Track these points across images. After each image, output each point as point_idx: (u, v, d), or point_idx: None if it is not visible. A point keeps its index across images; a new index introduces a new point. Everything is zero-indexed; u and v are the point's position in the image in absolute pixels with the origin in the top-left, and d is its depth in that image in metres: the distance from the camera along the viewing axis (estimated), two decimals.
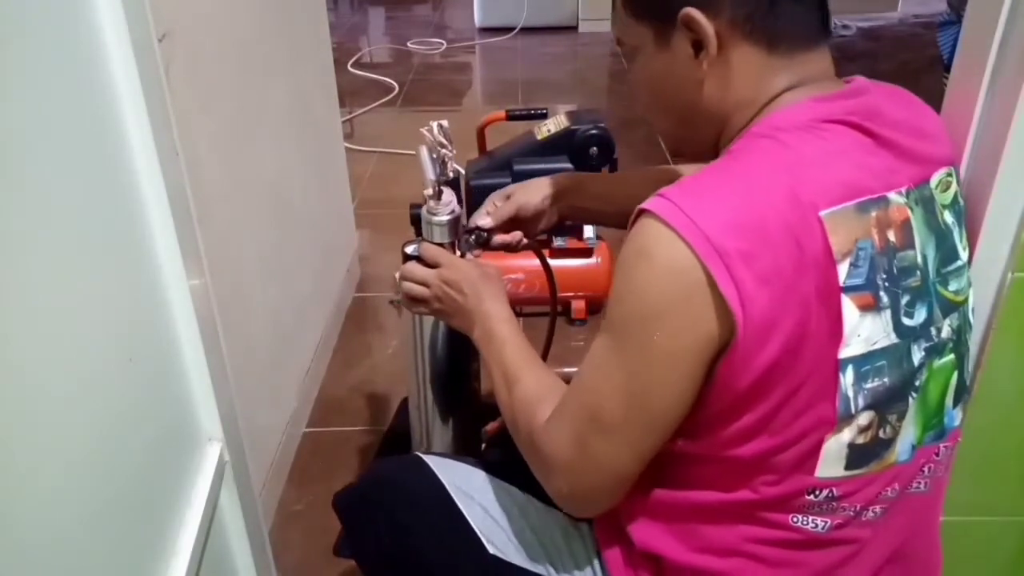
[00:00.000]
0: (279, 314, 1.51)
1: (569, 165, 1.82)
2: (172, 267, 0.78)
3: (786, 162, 0.62)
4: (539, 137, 1.86)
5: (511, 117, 1.92)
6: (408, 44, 4.32)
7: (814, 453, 0.64)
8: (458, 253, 0.96)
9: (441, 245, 0.93)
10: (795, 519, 0.68)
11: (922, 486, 0.72)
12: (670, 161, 0.97)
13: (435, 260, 0.91)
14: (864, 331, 0.62)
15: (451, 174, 0.91)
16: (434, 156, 0.91)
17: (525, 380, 0.78)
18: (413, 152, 0.93)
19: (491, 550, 0.80)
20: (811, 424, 0.63)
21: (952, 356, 0.69)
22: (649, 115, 0.77)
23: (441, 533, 0.83)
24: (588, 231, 1.87)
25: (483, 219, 0.99)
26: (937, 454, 0.72)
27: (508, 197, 1.01)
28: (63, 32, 0.62)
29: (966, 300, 0.71)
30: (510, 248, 1.02)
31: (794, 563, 0.70)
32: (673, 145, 0.80)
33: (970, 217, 0.79)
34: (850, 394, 0.63)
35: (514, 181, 1.82)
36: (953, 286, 0.69)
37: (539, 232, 1.04)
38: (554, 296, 1.13)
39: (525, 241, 1.02)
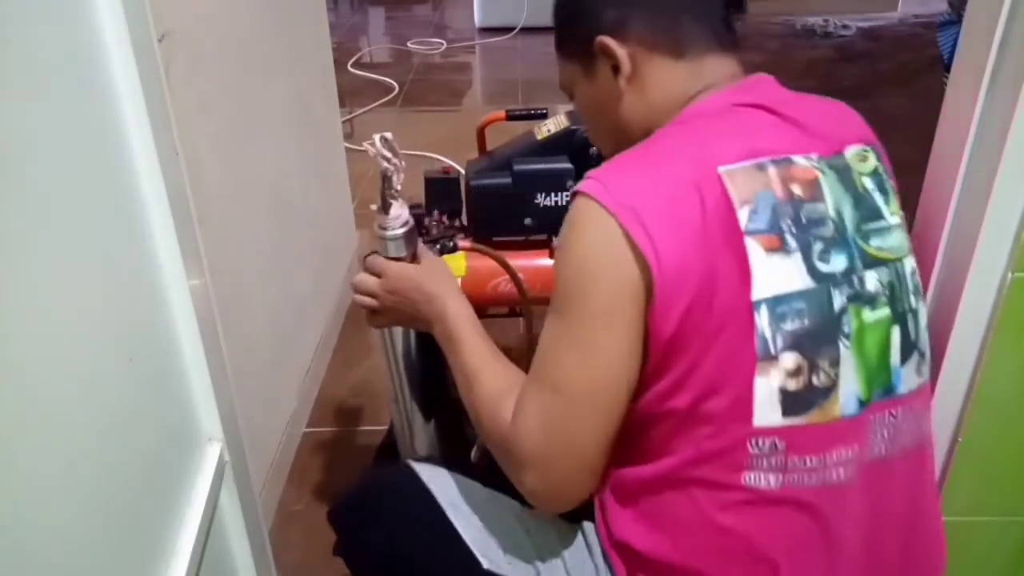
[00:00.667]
0: (279, 314, 1.51)
1: (569, 165, 1.82)
2: (172, 267, 0.78)
3: (692, 137, 0.72)
4: (539, 137, 1.85)
5: (511, 117, 1.92)
6: (408, 44, 4.32)
7: (746, 398, 0.66)
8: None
9: (400, 258, 0.90)
10: (747, 477, 0.68)
11: (883, 450, 0.71)
12: None
13: (377, 272, 0.90)
14: (773, 271, 0.66)
15: (398, 187, 0.87)
16: (382, 171, 0.86)
17: (484, 378, 0.79)
18: (414, 152, 0.92)
19: (486, 565, 0.80)
20: (735, 366, 0.66)
21: (887, 311, 0.71)
22: (597, 142, 0.89)
23: (435, 551, 0.83)
24: None
25: None
26: (894, 415, 0.72)
27: None
28: (63, 32, 0.62)
29: (899, 260, 0.73)
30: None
31: (758, 537, 0.69)
32: None
33: (969, 217, 0.79)
34: (767, 334, 0.66)
35: (514, 181, 1.83)
36: (876, 242, 0.72)
37: None
38: (522, 292, 1.15)
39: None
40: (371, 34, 4.88)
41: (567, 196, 1.91)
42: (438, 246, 0.98)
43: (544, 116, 1.90)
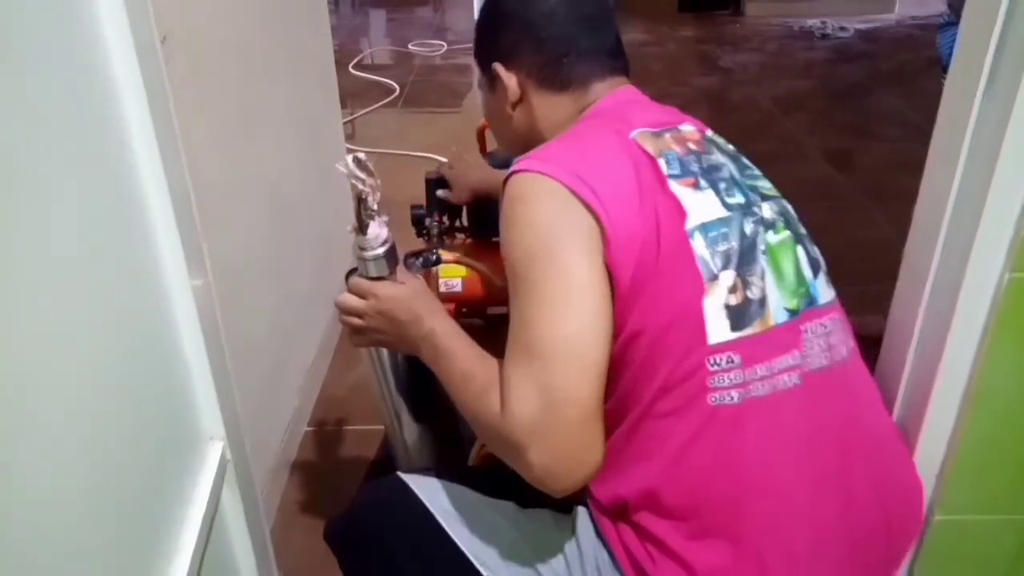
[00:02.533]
0: (280, 313, 1.51)
1: None
2: (175, 268, 0.78)
3: (603, 123, 0.83)
4: None
5: None
6: (409, 46, 4.33)
7: (698, 321, 0.72)
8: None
9: (381, 278, 0.89)
10: (712, 397, 0.72)
11: (824, 360, 0.77)
12: None
13: (364, 294, 0.89)
14: (698, 204, 0.76)
15: (375, 207, 0.85)
16: (358, 192, 0.84)
17: (474, 378, 0.78)
18: (415, 153, 0.93)
19: (485, 573, 0.81)
20: (685, 293, 0.73)
21: (788, 233, 0.80)
22: (498, 141, 1.02)
23: (434, 563, 0.83)
24: None
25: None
26: (824, 326, 0.78)
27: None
28: (65, 34, 0.62)
29: (779, 196, 0.84)
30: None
31: (730, 452, 0.72)
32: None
33: (968, 216, 0.79)
34: (707, 256, 0.74)
35: None
36: (762, 183, 0.84)
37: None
38: (490, 289, 1.18)
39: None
40: (372, 36, 4.89)
41: None
42: (421, 259, 0.97)
43: None
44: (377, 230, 0.87)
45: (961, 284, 0.81)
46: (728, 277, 0.74)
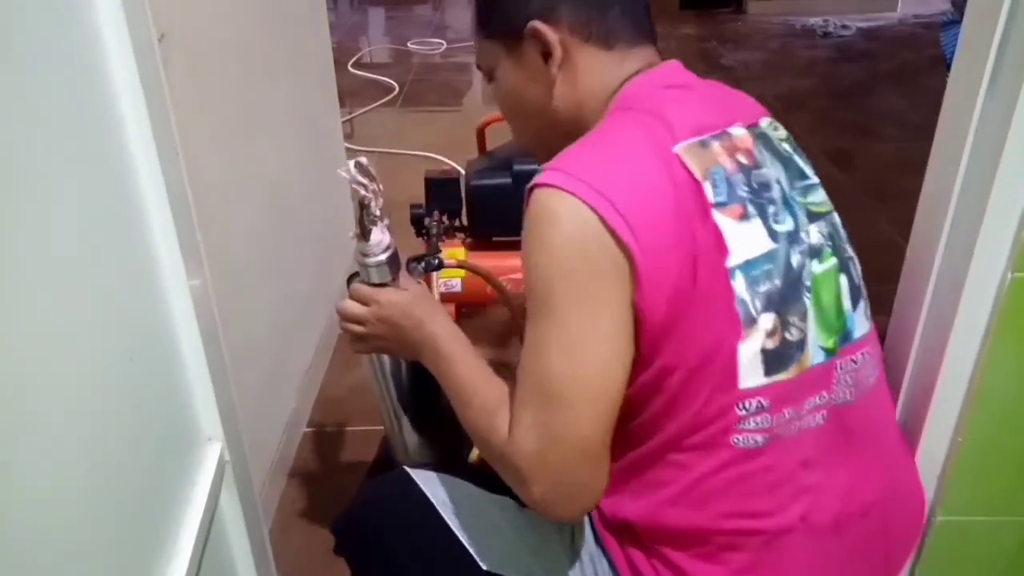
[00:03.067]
0: (279, 314, 1.51)
1: None
2: (172, 267, 0.78)
3: (639, 120, 0.73)
4: None
5: None
6: (408, 44, 4.33)
7: (731, 364, 0.68)
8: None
9: (384, 284, 0.87)
10: (735, 439, 0.70)
11: (848, 395, 0.75)
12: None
13: (365, 300, 0.87)
14: (742, 239, 0.69)
15: (378, 212, 0.83)
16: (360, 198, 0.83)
17: (478, 394, 0.77)
18: (414, 152, 0.91)
19: (485, 566, 0.80)
20: (720, 334, 0.68)
21: (834, 260, 0.75)
22: (515, 126, 0.87)
23: (433, 555, 0.83)
24: None
25: None
26: (855, 361, 0.75)
27: None
28: (63, 33, 0.62)
29: (831, 212, 0.78)
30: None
31: (749, 490, 0.72)
32: (542, 152, 0.81)
33: (970, 216, 0.79)
34: (747, 298, 0.68)
35: (514, 181, 1.83)
36: (811, 198, 0.76)
37: None
38: (492, 291, 1.14)
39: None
40: (371, 34, 4.88)
41: None
42: (423, 264, 0.96)
43: None
44: (380, 236, 0.85)
45: (963, 284, 0.81)
46: (768, 320, 0.69)
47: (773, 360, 0.69)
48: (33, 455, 0.55)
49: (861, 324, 0.77)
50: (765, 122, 0.79)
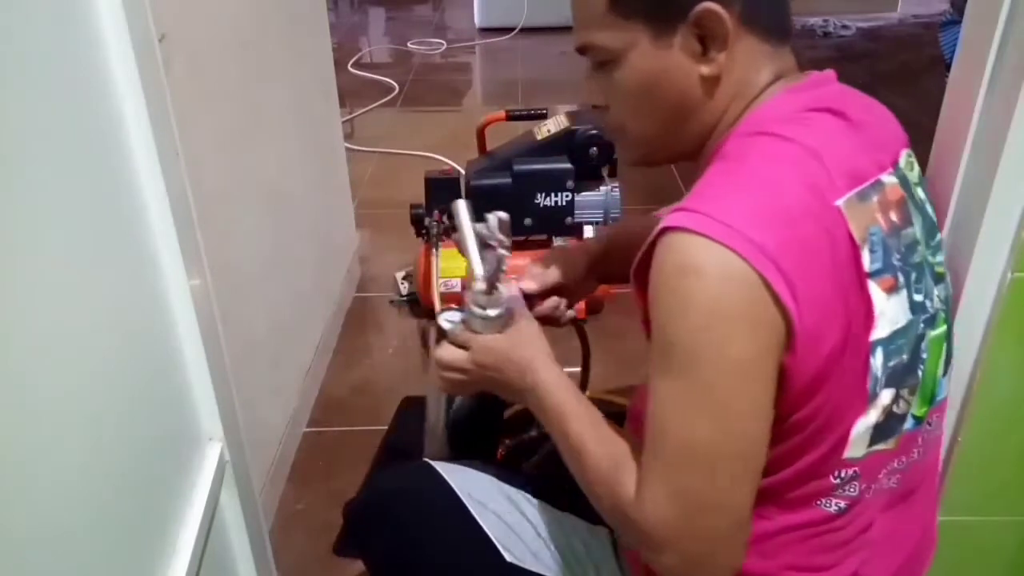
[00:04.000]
0: (279, 314, 1.51)
1: (569, 165, 1.82)
2: (173, 267, 0.78)
3: (788, 154, 0.63)
4: (539, 137, 1.86)
5: (511, 117, 1.92)
6: (408, 44, 4.32)
7: (845, 435, 0.65)
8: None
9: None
10: (821, 502, 0.69)
11: (918, 455, 0.74)
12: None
13: (463, 344, 0.83)
14: (889, 313, 0.64)
15: (504, 269, 0.82)
16: (488, 250, 0.82)
17: (592, 448, 0.71)
18: (414, 152, 0.90)
19: (508, 558, 0.80)
20: (847, 407, 0.64)
21: (944, 327, 0.71)
22: (630, 121, 0.73)
23: (456, 542, 0.82)
24: (588, 231, 1.87)
25: (527, 283, 0.92)
26: (930, 424, 0.74)
27: (548, 266, 0.94)
28: (63, 33, 0.62)
29: (945, 272, 0.73)
30: (552, 322, 0.95)
31: (812, 549, 0.71)
32: (647, 152, 0.75)
33: (970, 216, 0.79)
34: (879, 373, 0.64)
35: (514, 181, 1.83)
36: (939, 257, 0.72)
37: (576, 301, 1.00)
38: (586, 372, 1.08)
39: (569, 314, 0.96)
40: (371, 34, 4.88)
41: (567, 196, 1.91)
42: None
43: (544, 116, 1.91)
44: (505, 293, 0.83)
45: (964, 284, 0.81)
46: (887, 396, 0.66)
47: (877, 433, 0.67)
48: (33, 455, 0.55)
49: (944, 389, 0.74)
50: (903, 159, 0.70)
